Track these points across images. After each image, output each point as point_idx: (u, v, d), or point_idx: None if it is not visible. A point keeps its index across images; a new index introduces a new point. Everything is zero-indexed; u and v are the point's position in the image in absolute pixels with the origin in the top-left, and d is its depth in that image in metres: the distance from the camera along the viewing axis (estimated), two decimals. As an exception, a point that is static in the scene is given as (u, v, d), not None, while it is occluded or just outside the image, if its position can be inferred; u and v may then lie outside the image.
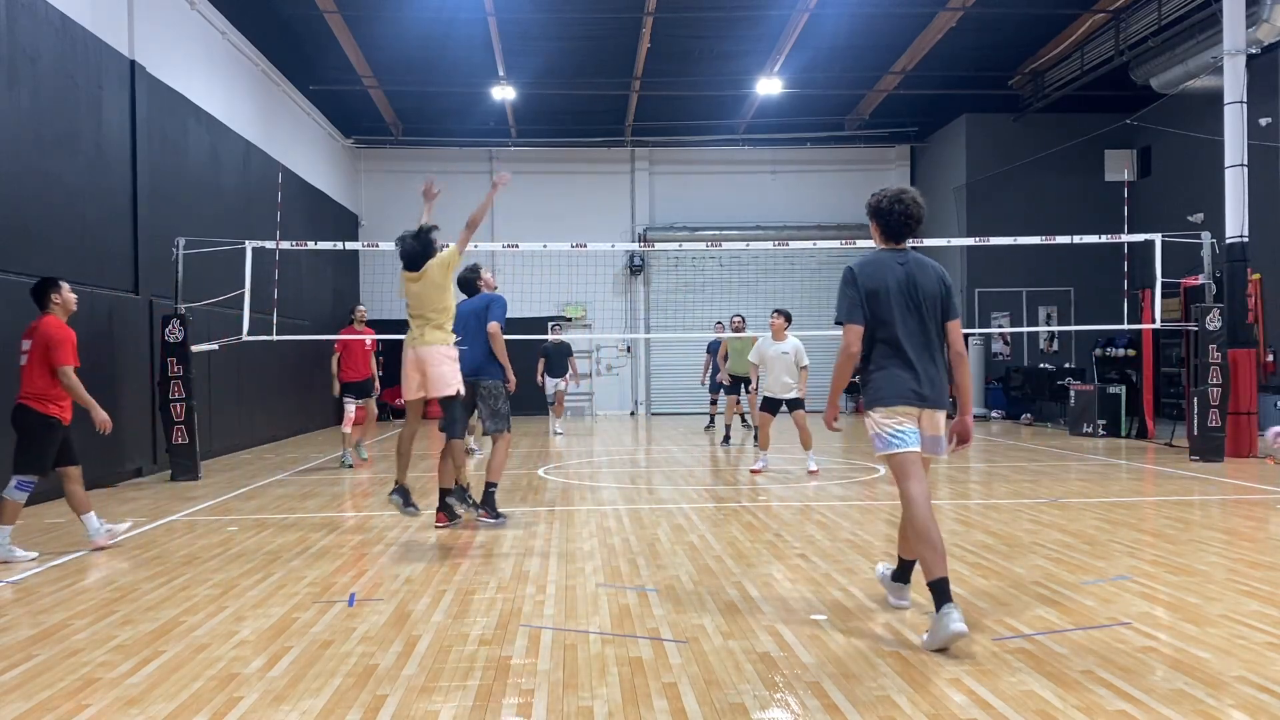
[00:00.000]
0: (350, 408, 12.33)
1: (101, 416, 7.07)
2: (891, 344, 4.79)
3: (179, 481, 11.09)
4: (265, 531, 7.80)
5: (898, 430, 4.73)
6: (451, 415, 7.63)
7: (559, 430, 17.72)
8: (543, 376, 17.40)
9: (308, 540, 7.39)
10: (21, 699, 3.98)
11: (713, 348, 17.38)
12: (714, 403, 17.78)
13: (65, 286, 7.25)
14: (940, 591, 4.47)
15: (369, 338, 12.67)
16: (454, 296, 7.69)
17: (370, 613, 5.23)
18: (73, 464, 7.05)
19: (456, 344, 7.64)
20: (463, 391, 7.61)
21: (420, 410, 7.76)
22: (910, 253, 4.97)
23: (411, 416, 7.80)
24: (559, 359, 17.49)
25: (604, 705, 3.81)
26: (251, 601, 5.50)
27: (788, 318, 11.56)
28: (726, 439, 15.28)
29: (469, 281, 8.32)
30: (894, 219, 4.92)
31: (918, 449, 4.76)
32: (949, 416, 4.91)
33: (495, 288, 8.57)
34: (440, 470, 7.78)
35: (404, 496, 7.67)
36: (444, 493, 7.75)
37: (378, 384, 13.02)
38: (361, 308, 13.09)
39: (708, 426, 18.20)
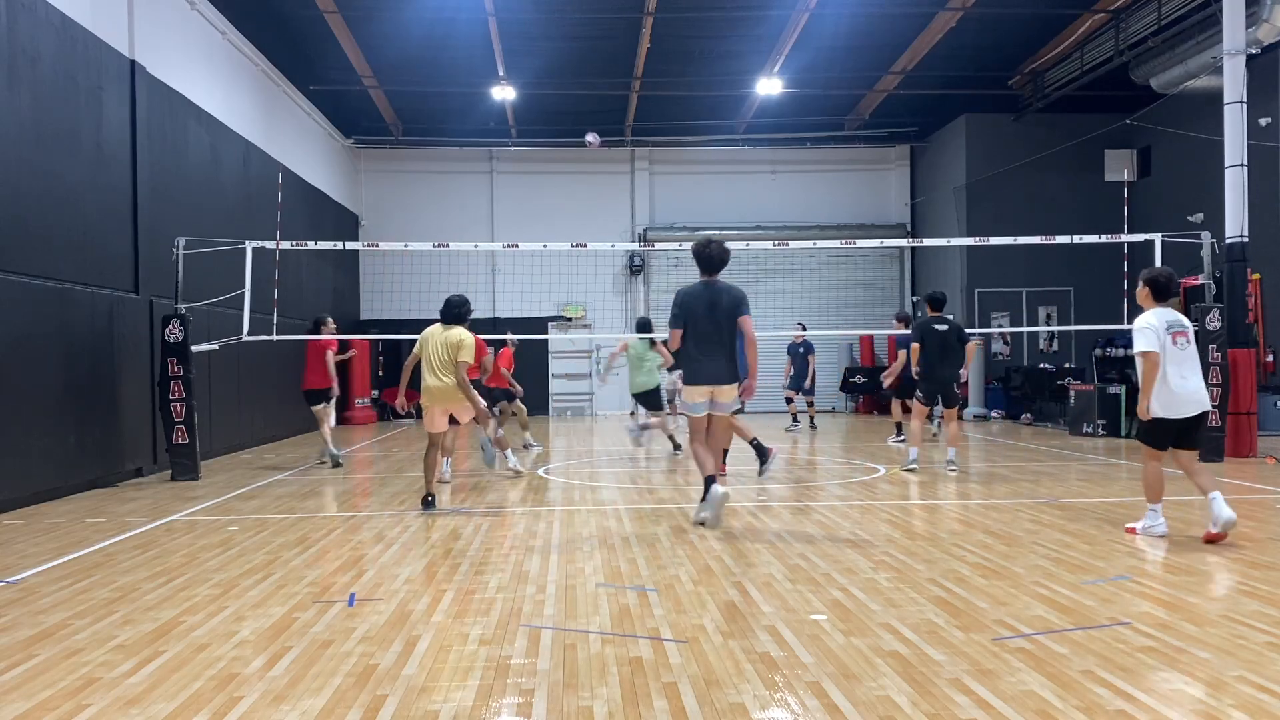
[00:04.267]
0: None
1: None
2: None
3: (179, 481, 11.09)
4: (265, 531, 7.80)
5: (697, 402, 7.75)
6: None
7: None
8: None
9: (308, 540, 7.39)
10: (21, 699, 3.98)
11: (791, 350, 17.53)
12: (789, 401, 17.97)
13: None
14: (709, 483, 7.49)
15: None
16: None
17: (370, 613, 5.23)
18: None
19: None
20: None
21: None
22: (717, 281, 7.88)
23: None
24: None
25: (604, 705, 3.81)
26: (251, 601, 5.50)
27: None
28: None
29: None
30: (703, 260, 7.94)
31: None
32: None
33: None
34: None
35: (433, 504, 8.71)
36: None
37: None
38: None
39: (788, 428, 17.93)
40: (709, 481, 7.53)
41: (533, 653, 4.49)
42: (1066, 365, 19.85)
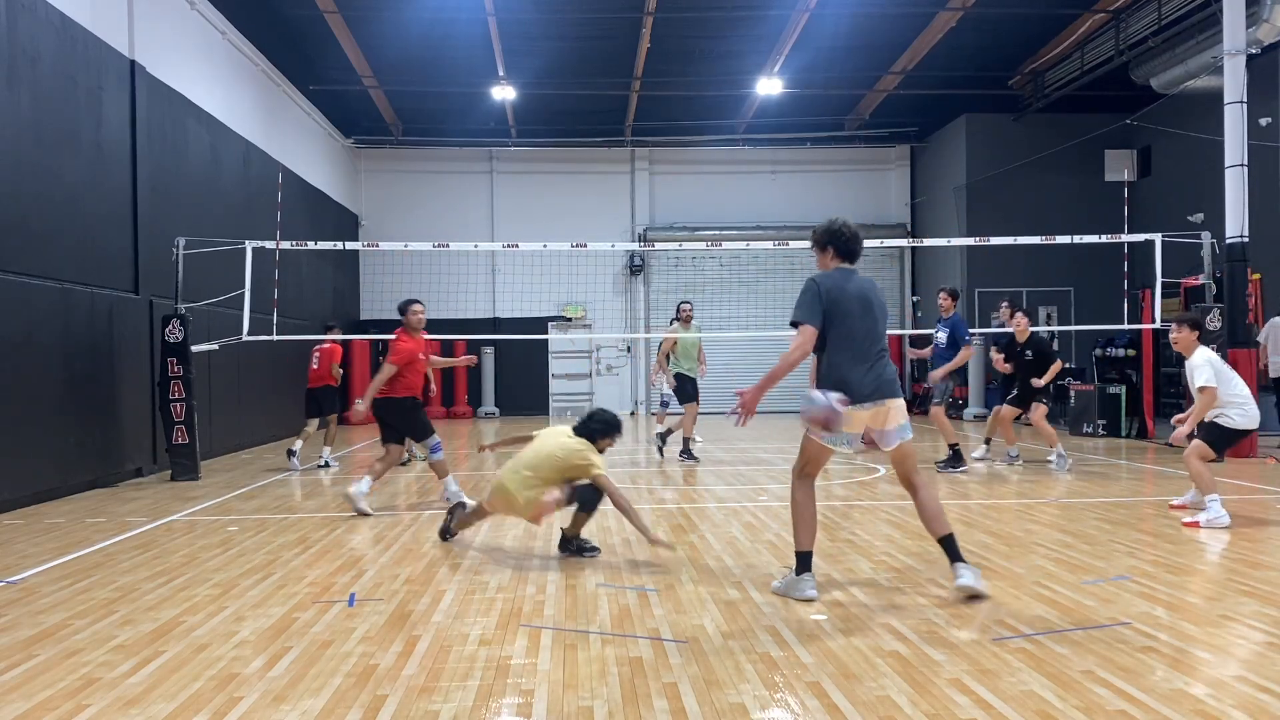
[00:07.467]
0: None
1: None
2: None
3: (179, 481, 11.08)
4: (265, 531, 7.80)
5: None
6: None
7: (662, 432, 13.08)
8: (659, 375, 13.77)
9: (308, 540, 7.39)
10: (21, 699, 3.97)
11: None
12: None
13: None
14: (803, 561, 5.43)
15: None
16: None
17: (370, 613, 5.23)
18: None
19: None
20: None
21: None
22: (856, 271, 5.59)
23: None
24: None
25: (604, 705, 3.81)
26: (251, 601, 5.50)
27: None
28: (685, 451, 12.71)
29: None
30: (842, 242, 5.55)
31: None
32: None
33: None
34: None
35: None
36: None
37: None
38: None
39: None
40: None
41: (533, 653, 4.49)
42: (1067, 365, 19.81)
